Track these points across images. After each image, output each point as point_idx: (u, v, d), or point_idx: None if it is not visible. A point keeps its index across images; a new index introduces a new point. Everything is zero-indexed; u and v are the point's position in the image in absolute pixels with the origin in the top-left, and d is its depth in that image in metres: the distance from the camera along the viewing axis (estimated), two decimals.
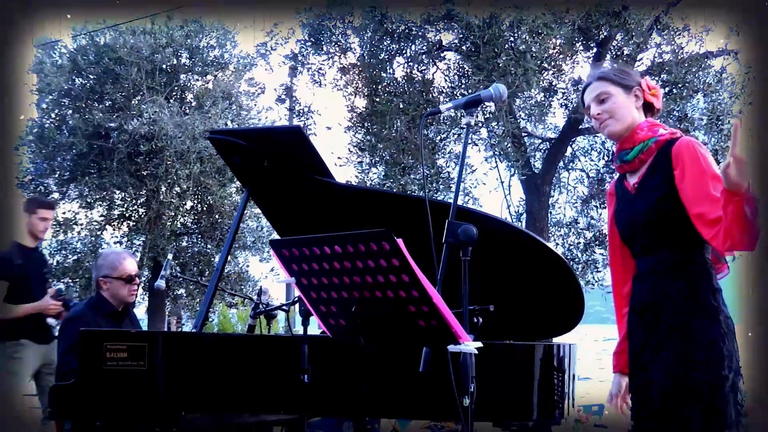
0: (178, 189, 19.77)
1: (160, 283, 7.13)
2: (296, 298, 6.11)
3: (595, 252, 19.29)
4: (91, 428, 5.74)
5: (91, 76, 19.40)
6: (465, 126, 4.42)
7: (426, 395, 4.82)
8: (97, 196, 19.90)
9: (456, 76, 17.75)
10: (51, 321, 8.25)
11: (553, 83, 17.89)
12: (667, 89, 16.87)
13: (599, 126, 4.27)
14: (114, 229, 20.57)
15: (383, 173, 17.77)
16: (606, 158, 18.93)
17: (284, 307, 6.81)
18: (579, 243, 19.72)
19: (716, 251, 4.06)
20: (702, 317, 3.89)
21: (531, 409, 4.98)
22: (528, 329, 5.85)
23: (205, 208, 20.52)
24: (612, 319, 4.42)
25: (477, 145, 18.27)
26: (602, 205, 19.10)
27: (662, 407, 3.93)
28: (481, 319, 4.92)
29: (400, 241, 3.44)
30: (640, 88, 4.23)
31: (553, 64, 17.10)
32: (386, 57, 17.52)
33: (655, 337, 4.02)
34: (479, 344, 3.65)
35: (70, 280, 19.87)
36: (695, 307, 3.91)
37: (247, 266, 21.04)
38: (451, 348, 3.61)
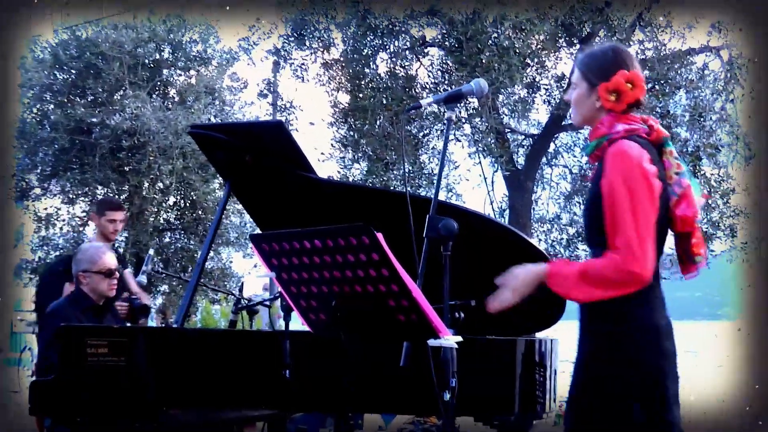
0: (160, 185, 19.70)
1: (142, 278, 7.12)
2: (278, 294, 6.13)
3: (578, 248, 19.35)
4: (71, 424, 5.73)
5: (72, 70, 19.29)
6: (446, 121, 4.41)
7: (409, 390, 4.81)
8: (79, 192, 19.80)
9: (439, 72, 17.77)
10: None
11: (537, 79, 17.94)
12: (649, 86, 16.91)
13: None
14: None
15: (366, 169, 17.78)
16: None
17: (266, 303, 6.81)
18: (562, 239, 19.77)
19: (689, 253, 4.06)
20: (611, 316, 3.88)
21: (512, 404, 5.00)
22: (509, 324, 5.85)
23: (188, 204, 20.44)
24: None
25: (460, 141, 18.28)
26: (585, 202, 19.11)
27: (576, 401, 3.98)
28: (462, 314, 4.92)
29: (379, 236, 3.43)
30: (599, 89, 4.03)
31: (536, 60, 17.13)
32: (369, 52, 17.54)
33: (580, 336, 4.05)
34: (459, 338, 3.65)
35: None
36: (602, 309, 3.90)
37: (231, 262, 20.98)
38: (431, 342, 3.61)
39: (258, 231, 7.52)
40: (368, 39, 17.13)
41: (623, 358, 3.82)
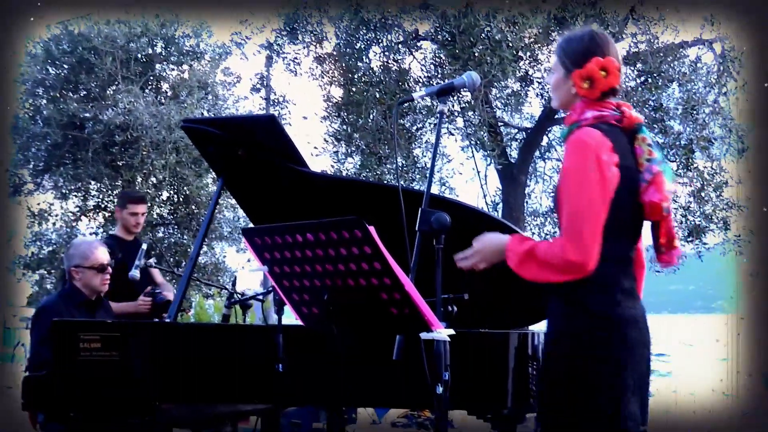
0: (153, 179, 19.67)
1: (134, 273, 7.11)
2: (271, 288, 6.12)
3: None
4: (64, 419, 5.72)
5: (65, 65, 19.27)
6: (439, 114, 4.41)
7: (402, 384, 4.81)
8: (72, 187, 19.76)
9: (432, 66, 17.75)
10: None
11: (529, 73, 17.91)
12: (642, 79, 16.92)
13: None
14: (89, 220, 20.45)
15: (359, 163, 17.77)
16: None
17: (259, 297, 6.81)
18: (555, 232, 19.75)
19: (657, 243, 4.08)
20: (563, 307, 3.90)
21: (506, 398, 4.99)
22: (503, 318, 5.86)
23: (181, 199, 20.42)
24: None
25: (453, 134, 18.27)
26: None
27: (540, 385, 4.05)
28: (455, 308, 4.92)
29: (371, 229, 3.43)
30: (573, 75, 4.04)
31: (529, 53, 17.11)
32: (362, 46, 17.51)
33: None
34: (451, 331, 3.65)
35: (45, 272, 19.79)
36: (557, 296, 3.91)
37: (224, 257, 20.96)
38: (424, 335, 3.61)
39: (251, 225, 7.52)
40: (361, 33, 17.11)
41: (577, 347, 3.83)
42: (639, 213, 3.95)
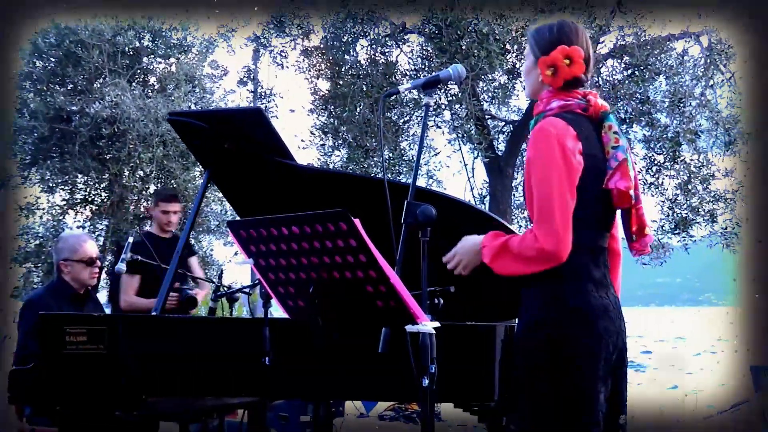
0: (141, 173, 19.65)
1: (121, 266, 7.10)
2: (257, 281, 6.13)
3: None
4: (51, 413, 5.72)
5: (52, 59, 19.23)
6: (425, 107, 4.41)
7: (389, 377, 4.81)
8: (59, 180, 19.72)
9: (419, 59, 17.75)
10: None
11: (516, 66, 17.90)
12: (629, 72, 16.95)
13: None
14: (76, 213, 20.41)
15: (346, 156, 17.77)
16: None
17: (246, 290, 6.81)
18: None
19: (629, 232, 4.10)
20: (533, 298, 3.92)
21: (492, 390, 4.99)
22: (490, 310, 5.86)
23: None
24: None
25: (440, 127, 18.28)
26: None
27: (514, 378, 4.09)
28: (442, 301, 4.93)
29: (357, 222, 3.43)
30: (539, 62, 4.09)
31: (516, 46, 17.11)
32: (349, 39, 17.50)
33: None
34: (437, 324, 3.66)
35: (32, 265, 19.75)
36: (527, 288, 3.94)
37: (211, 250, 20.95)
38: (409, 328, 3.61)
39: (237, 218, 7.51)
40: (348, 26, 17.11)
41: (547, 337, 3.85)
42: (608, 201, 3.96)
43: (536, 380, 3.85)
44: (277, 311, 4.65)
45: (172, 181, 19.52)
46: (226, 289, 6.81)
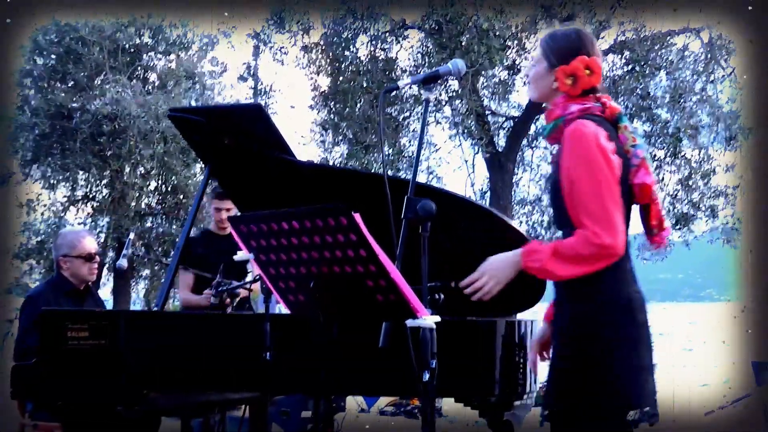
0: (141, 169, 19.70)
1: (122, 262, 7.10)
2: (257, 276, 6.13)
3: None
4: (52, 408, 5.73)
5: (52, 56, 19.27)
6: (424, 102, 4.42)
7: (390, 372, 4.81)
8: (60, 177, 19.78)
9: (419, 55, 17.76)
10: None
11: (517, 61, 17.93)
12: (629, 67, 16.95)
13: None
14: (77, 210, 20.48)
15: (346, 152, 17.80)
16: None
17: (246, 286, 6.80)
18: (542, 221, 19.83)
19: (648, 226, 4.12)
20: (583, 291, 3.92)
21: (493, 386, 4.99)
22: (490, 306, 5.86)
23: (169, 189, 20.44)
24: None
25: (441, 123, 18.32)
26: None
27: (554, 373, 4.04)
28: (442, 296, 4.93)
29: (357, 216, 3.44)
30: (557, 71, 4.08)
31: (516, 42, 17.13)
32: (349, 35, 17.52)
33: (555, 306, 4.14)
34: (437, 318, 3.66)
35: (34, 261, 19.79)
36: (573, 283, 3.93)
37: None
38: (409, 323, 3.62)
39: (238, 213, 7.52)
40: (348, 22, 17.11)
41: (598, 333, 3.86)
42: (629, 198, 3.99)
43: (588, 370, 3.87)
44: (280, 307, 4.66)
45: (173, 178, 19.55)
46: (227, 284, 6.79)
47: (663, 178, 17.70)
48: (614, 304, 3.91)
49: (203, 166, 7.32)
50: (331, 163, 17.62)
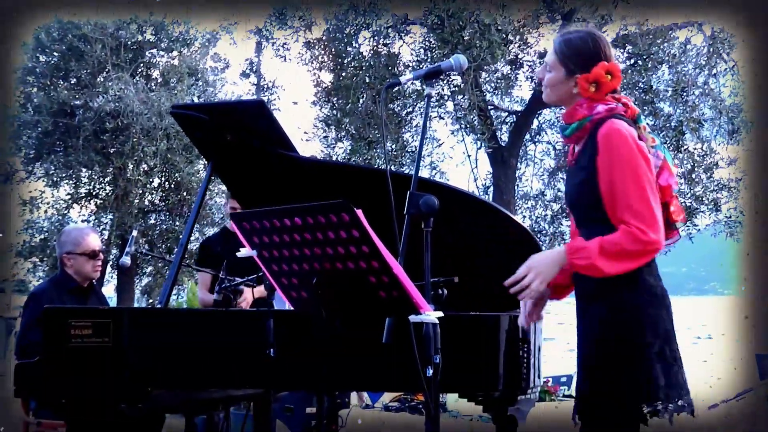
0: (145, 166, 19.72)
1: (125, 259, 7.10)
2: (261, 274, 6.13)
3: (562, 224, 19.40)
4: (56, 406, 5.73)
5: (55, 53, 19.29)
6: (426, 97, 4.42)
7: (394, 367, 4.81)
8: (63, 175, 19.81)
9: (422, 50, 17.75)
10: None
11: (519, 56, 17.94)
12: (632, 61, 16.93)
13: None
14: (81, 208, 20.49)
15: (349, 148, 17.79)
16: None
17: (250, 283, 6.80)
18: (546, 215, 19.82)
19: (670, 221, 4.15)
20: (621, 284, 3.93)
21: (497, 381, 5.00)
22: (494, 300, 5.87)
23: (172, 185, 20.47)
24: None
25: (443, 118, 18.31)
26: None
27: (591, 363, 4.05)
28: (446, 291, 4.93)
29: (359, 212, 3.44)
30: (579, 78, 4.11)
31: (518, 36, 17.12)
32: (352, 31, 17.50)
33: (584, 304, 4.14)
34: (440, 314, 3.66)
35: (37, 259, 19.81)
36: (615, 276, 3.94)
37: None
38: (412, 318, 3.62)
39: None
40: (350, 18, 17.10)
41: (641, 321, 3.94)
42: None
43: (629, 359, 3.92)
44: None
45: (176, 175, 19.56)
46: (230, 281, 6.79)
47: (675, 172, 17.72)
48: (653, 296, 4.00)
49: (206, 162, 7.31)
50: (334, 159, 17.62)
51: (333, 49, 18.13)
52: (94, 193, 20.35)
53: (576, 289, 4.21)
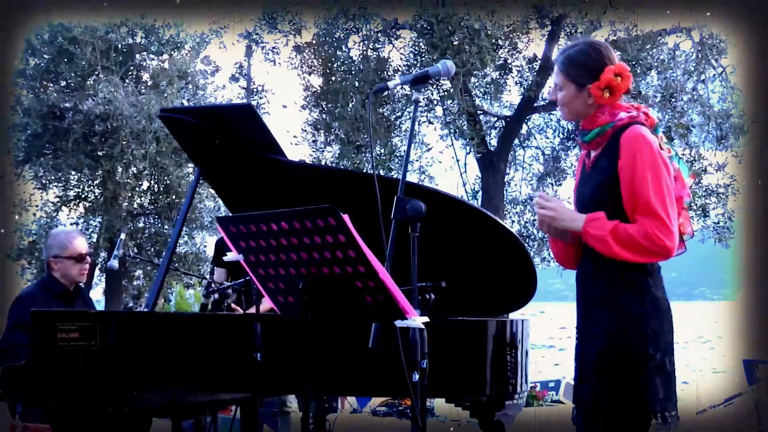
0: (134, 169, 19.71)
1: (113, 263, 7.10)
2: (247, 277, 6.13)
3: None
4: (42, 408, 5.72)
5: (45, 56, 19.27)
6: (414, 102, 4.43)
7: (381, 372, 4.82)
8: (53, 177, 19.79)
9: (411, 55, 17.76)
10: None
11: (508, 61, 17.95)
12: None
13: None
14: (70, 210, 20.47)
15: (338, 152, 17.80)
16: (561, 136, 19.03)
17: (237, 286, 6.80)
18: (535, 220, 19.79)
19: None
20: (629, 293, 3.96)
21: (484, 385, 5.01)
22: (481, 305, 5.87)
23: (161, 189, 20.47)
24: (571, 296, 4.42)
25: (432, 123, 18.32)
26: (558, 182, 19.22)
27: (592, 371, 4.05)
28: (433, 296, 4.94)
29: (345, 217, 3.44)
30: (591, 88, 4.15)
31: (507, 42, 17.14)
32: (341, 35, 17.52)
33: (588, 308, 4.14)
34: (426, 319, 3.67)
35: (25, 262, 19.78)
36: (623, 284, 3.96)
37: (204, 246, 21.02)
38: (398, 323, 3.62)
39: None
40: (340, 22, 17.11)
41: (645, 337, 3.99)
42: None
43: (631, 370, 3.95)
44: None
45: (165, 178, 19.55)
46: (218, 285, 6.79)
47: (691, 184, 17.73)
48: (658, 309, 4.05)
49: (195, 166, 7.31)
50: (322, 163, 17.62)
51: (322, 53, 18.15)
52: (83, 195, 20.34)
53: (580, 292, 4.22)
